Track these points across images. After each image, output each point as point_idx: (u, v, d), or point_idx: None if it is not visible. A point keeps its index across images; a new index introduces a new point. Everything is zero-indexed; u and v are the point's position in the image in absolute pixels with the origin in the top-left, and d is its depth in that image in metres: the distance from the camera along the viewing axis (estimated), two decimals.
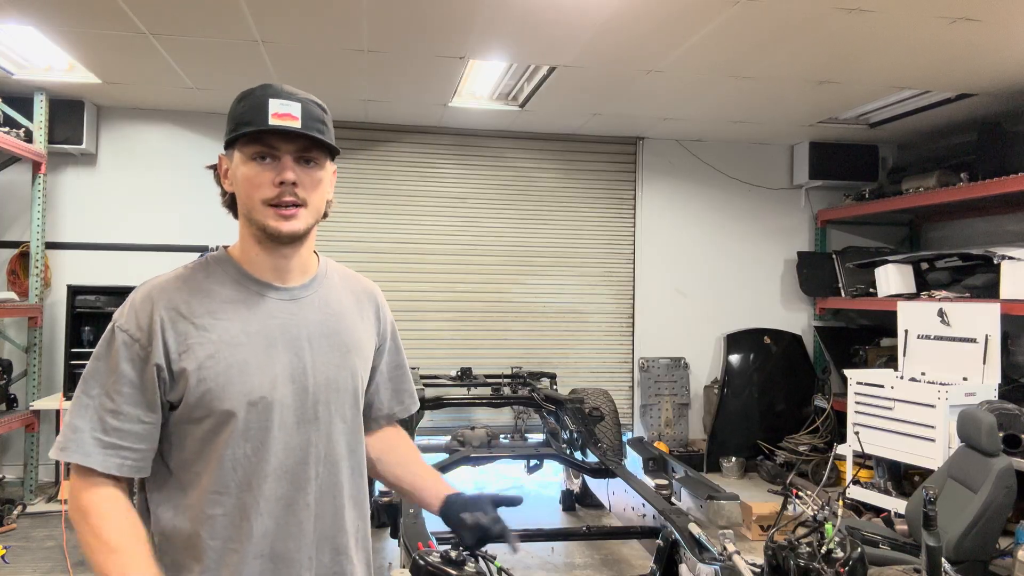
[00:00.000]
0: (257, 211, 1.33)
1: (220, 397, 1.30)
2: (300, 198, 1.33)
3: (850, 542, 1.82)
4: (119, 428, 1.28)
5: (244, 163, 1.33)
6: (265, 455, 1.32)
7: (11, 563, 4.24)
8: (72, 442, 1.27)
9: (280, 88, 1.33)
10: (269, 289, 1.39)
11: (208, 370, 1.30)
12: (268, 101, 1.30)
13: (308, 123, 1.32)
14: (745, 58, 4.50)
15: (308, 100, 1.34)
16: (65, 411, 5.19)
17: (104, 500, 1.28)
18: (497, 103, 5.75)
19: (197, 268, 1.41)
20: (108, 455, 1.27)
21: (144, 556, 1.25)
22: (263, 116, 1.29)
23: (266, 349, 1.35)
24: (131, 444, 1.29)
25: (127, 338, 1.30)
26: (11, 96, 5.28)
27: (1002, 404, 4.21)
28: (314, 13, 3.91)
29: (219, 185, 1.42)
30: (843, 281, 6.66)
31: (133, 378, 1.29)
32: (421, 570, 1.43)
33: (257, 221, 1.34)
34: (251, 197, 1.32)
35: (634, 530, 3.58)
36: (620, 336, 6.84)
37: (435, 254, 6.51)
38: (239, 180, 1.34)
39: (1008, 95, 5.15)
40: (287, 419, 1.35)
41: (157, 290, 1.35)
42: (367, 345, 1.51)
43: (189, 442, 1.32)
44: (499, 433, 5.13)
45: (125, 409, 1.28)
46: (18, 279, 5.63)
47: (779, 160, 7.08)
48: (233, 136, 1.32)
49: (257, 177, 1.31)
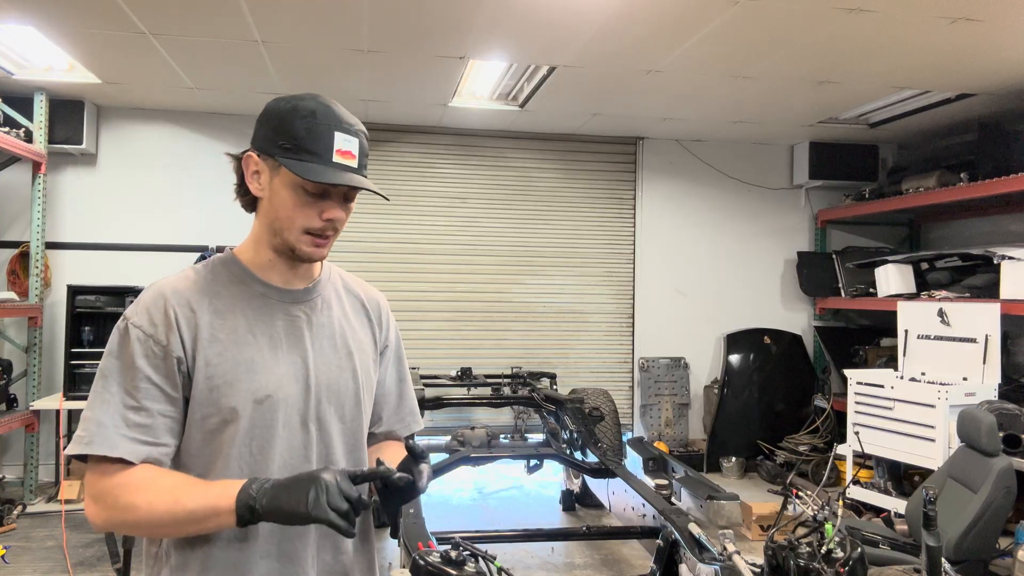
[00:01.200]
0: (293, 235, 1.35)
1: (227, 394, 1.31)
2: (337, 231, 1.38)
3: (850, 542, 1.82)
4: (141, 424, 1.27)
5: (292, 188, 1.32)
6: (270, 453, 1.34)
7: (11, 563, 4.24)
8: (97, 436, 1.24)
9: (341, 117, 1.32)
10: (274, 291, 1.41)
11: (216, 367, 1.31)
12: (335, 135, 1.30)
13: (362, 161, 1.34)
14: (745, 58, 4.50)
15: (361, 132, 1.36)
16: (65, 411, 5.21)
17: (135, 470, 1.26)
18: (497, 103, 5.75)
19: (204, 269, 1.42)
20: (135, 446, 1.26)
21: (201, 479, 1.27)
22: (328, 149, 1.29)
23: (272, 349, 1.36)
24: (154, 439, 1.28)
25: (141, 334, 1.30)
26: (11, 96, 5.28)
27: (1002, 404, 4.22)
28: (314, 13, 3.91)
29: (241, 182, 1.39)
30: (843, 281, 6.66)
31: (150, 373, 1.29)
32: (421, 570, 1.43)
33: (290, 243, 1.35)
34: (292, 221, 1.33)
35: (634, 530, 3.58)
36: (620, 336, 6.84)
37: (435, 254, 6.51)
38: (280, 199, 1.33)
39: (1008, 95, 5.15)
40: (291, 418, 1.36)
41: (168, 288, 1.36)
42: (369, 349, 1.52)
43: (195, 440, 1.33)
44: (499, 433, 5.14)
45: (145, 404, 1.28)
46: (18, 279, 5.63)
47: (779, 160, 7.08)
48: (290, 160, 1.29)
49: (306, 208, 1.33)
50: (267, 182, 1.35)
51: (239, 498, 1.19)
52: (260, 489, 1.20)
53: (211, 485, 1.25)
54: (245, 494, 1.19)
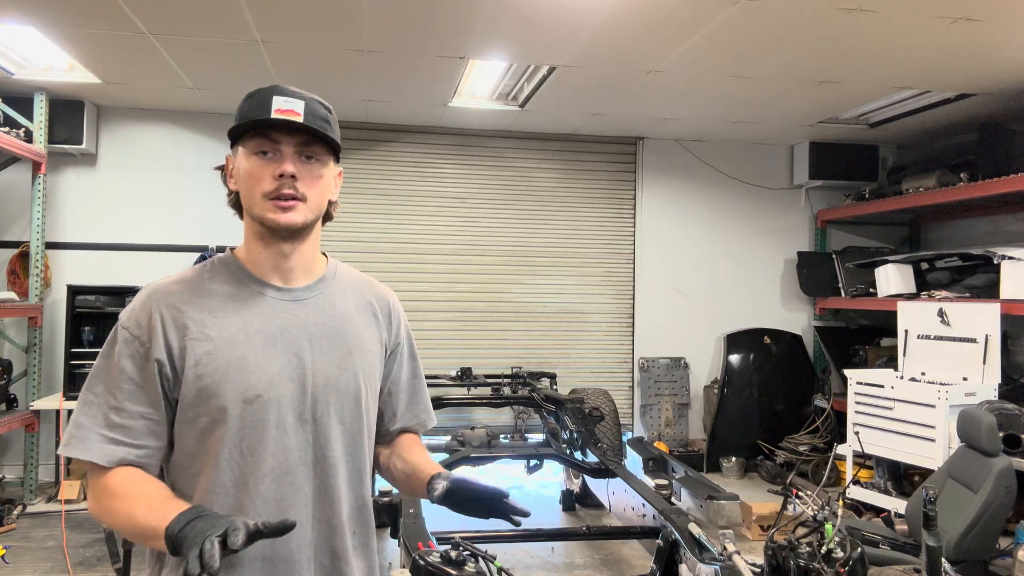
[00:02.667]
0: (257, 204, 1.34)
1: (216, 394, 1.30)
2: (299, 192, 1.34)
3: (850, 542, 1.82)
4: (122, 425, 1.29)
5: (247, 158, 1.35)
6: (261, 455, 1.32)
7: (11, 563, 4.24)
8: (75, 438, 1.29)
9: (285, 88, 1.36)
10: (271, 289, 1.40)
11: (205, 367, 1.31)
12: (272, 98, 1.32)
13: (310, 119, 1.34)
14: (745, 58, 4.50)
15: (312, 99, 1.37)
16: (65, 411, 5.21)
17: (117, 474, 1.29)
18: (497, 103, 5.75)
19: (201, 269, 1.43)
20: (111, 449, 1.29)
21: (169, 496, 1.27)
22: (267, 111, 1.32)
23: (264, 348, 1.35)
24: (134, 440, 1.30)
25: (128, 335, 1.32)
26: (11, 96, 5.28)
27: (1002, 404, 4.21)
28: (314, 13, 3.91)
29: (225, 185, 1.43)
30: (843, 281, 6.67)
31: (133, 375, 1.30)
32: (421, 570, 1.43)
33: (257, 215, 1.35)
34: (252, 191, 1.34)
35: (634, 530, 3.58)
36: (620, 336, 6.84)
37: (435, 254, 6.51)
38: (241, 175, 1.36)
39: (1008, 95, 5.15)
40: (284, 419, 1.34)
41: (159, 291, 1.37)
42: (374, 349, 1.49)
43: (186, 442, 1.33)
44: (499, 433, 5.14)
45: (127, 406, 1.30)
46: (18, 279, 5.63)
47: (779, 160, 7.08)
48: (236, 130, 1.35)
49: (258, 171, 1.33)
50: (236, 170, 1.39)
51: (167, 528, 1.15)
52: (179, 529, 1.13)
53: (165, 505, 1.21)
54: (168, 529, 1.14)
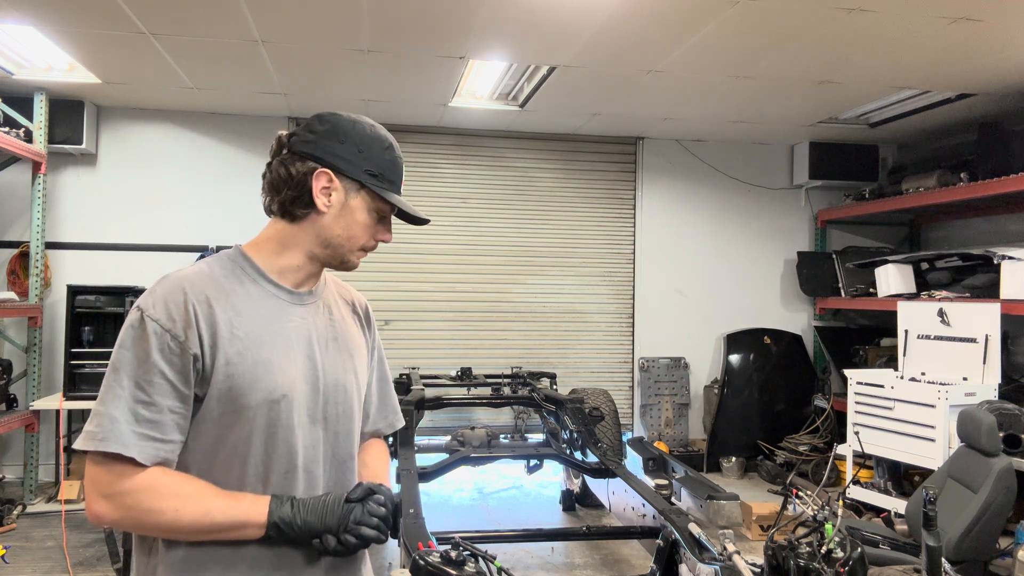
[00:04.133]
0: (350, 250, 1.46)
1: (245, 394, 1.31)
2: None
3: (850, 542, 1.82)
4: (151, 419, 1.26)
5: (367, 211, 1.44)
6: (283, 452, 1.35)
7: (11, 563, 4.24)
8: (111, 433, 1.23)
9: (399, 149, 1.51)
10: (284, 292, 1.43)
11: (236, 366, 1.31)
12: (403, 170, 1.51)
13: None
14: (745, 58, 4.50)
15: None
16: (65, 411, 5.21)
17: (155, 473, 1.27)
18: (497, 103, 5.75)
19: (216, 265, 1.40)
20: (145, 446, 1.25)
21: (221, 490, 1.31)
22: (400, 184, 1.49)
23: (286, 350, 1.38)
24: (165, 436, 1.27)
25: (158, 328, 1.27)
26: (11, 96, 5.28)
27: (1002, 404, 4.21)
28: (314, 13, 3.91)
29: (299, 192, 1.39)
30: (843, 281, 6.66)
31: (164, 369, 1.27)
32: (421, 570, 1.43)
33: (342, 256, 1.46)
34: (356, 240, 1.45)
35: (634, 530, 3.58)
36: (620, 336, 6.84)
37: (435, 254, 6.51)
38: (354, 219, 1.43)
39: (1008, 95, 5.15)
40: (302, 418, 1.38)
41: (187, 281, 1.34)
42: (364, 351, 1.57)
43: (208, 438, 1.33)
44: (499, 433, 5.13)
45: (157, 400, 1.26)
46: (18, 279, 5.63)
47: (779, 160, 7.08)
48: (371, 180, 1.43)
49: (371, 228, 1.46)
50: (339, 201, 1.41)
51: (273, 517, 1.29)
52: (292, 510, 1.30)
53: (237, 498, 1.30)
54: (278, 515, 1.29)
